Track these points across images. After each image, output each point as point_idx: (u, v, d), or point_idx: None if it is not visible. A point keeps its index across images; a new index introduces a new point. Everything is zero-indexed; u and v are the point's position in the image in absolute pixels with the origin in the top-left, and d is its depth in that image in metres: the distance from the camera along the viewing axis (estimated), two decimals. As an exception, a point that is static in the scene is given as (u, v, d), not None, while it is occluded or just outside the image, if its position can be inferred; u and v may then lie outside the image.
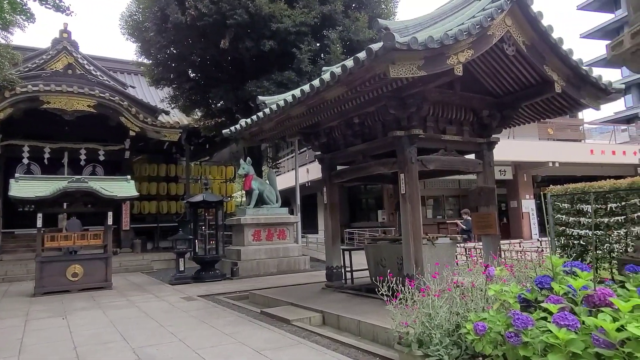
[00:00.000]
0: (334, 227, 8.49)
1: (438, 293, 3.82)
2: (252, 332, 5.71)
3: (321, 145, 8.50)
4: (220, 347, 5.02)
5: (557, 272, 3.82)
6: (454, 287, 3.89)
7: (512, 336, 3.02)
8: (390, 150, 6.87)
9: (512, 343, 3.00)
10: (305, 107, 6.80)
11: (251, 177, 13.14)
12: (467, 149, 7.45)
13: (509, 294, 3.21)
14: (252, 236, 12.69)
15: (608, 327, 2.53)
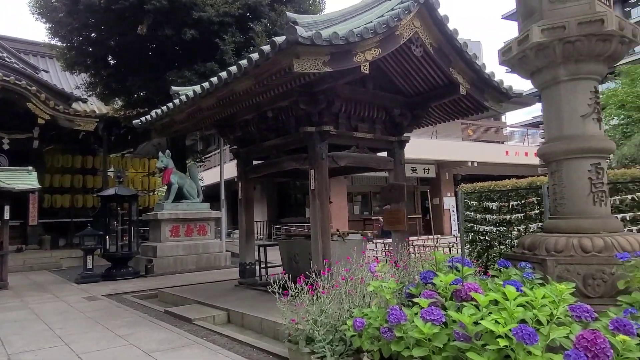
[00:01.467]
0: (249, 222, 8.33)
1: (324, 290, 3.81)
2: (148, 333, 5.43)
3: (236, 139, 8.30)
4: (108, 351, 4.71)
5: (441, 267, 3.95)
6: (342, 283, 3.89)
7: (386, 331, 3.05)
8: (302, 145, 6.83)
9: (386, 338, 3.04)
10: (215, 99, 6.58)
11: (170, 170, 12.62)
12: (379, 146, 7.59)
13: (386, 290, 3.25)
14: (169, 232, 12.21)
15: (465, 320, 2.60)
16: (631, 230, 7.07)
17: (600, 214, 4.37)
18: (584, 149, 4.39)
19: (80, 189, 18.46)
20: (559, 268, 4.11)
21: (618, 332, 2.66)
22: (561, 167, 4.54)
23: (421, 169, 20.94)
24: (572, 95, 4.49)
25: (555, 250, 4.21)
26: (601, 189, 4.40)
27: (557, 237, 4.30)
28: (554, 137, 4.64)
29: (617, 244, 4.01)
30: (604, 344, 2.45)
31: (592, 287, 3.96)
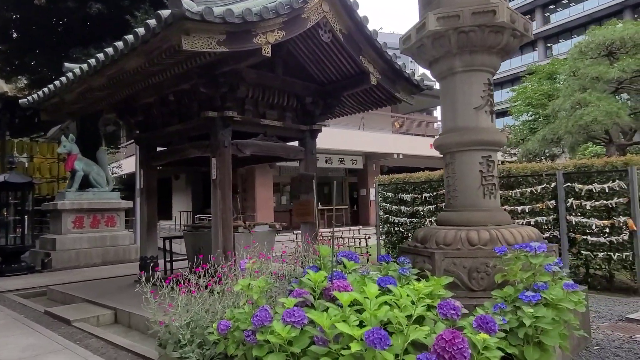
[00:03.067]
0: (150, 213, 7.76)
1: (195, 289, 3.48)
2: (16, 338, 4.82)
3: (138, 124, 7.68)
4: (-46, 361, 4.09)
5: (326, 262, 3.74)
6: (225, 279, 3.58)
7: (250, 335, 2.78)
8: (205, 132, 6.39)
9: (250, 342, 2.77)
10: (106, 79, 5.97)
11: (75, 156, 11.62)
12: (290, 135, 7.31)
13: (255, 289, 2.98)
14: (72, 223, 11.25)
15: (322, 322, 2.39)
16: (529, 223, 7.35)
17: (490, 207, 4.37)
18: (476, 141, 4.36)
19: (-24, 176, 16.66)
20: (446, 261, 4.05)
21: (481, 330, 2.57)
22: (454, 159, 4.50)
23: (349, 160, 21.03)
24: (466, 86, 4.45)
25: (444, 243, 4.15)
26: (491, 182, 4.40)
27: (446, 230, 4.25)
28: (449, 128, 4.59)
29: (502, 237, 4.01)
30: (462, 344, 2.32)
31: (477, 280, 3.94)
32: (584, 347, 4.19)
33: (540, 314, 2.75)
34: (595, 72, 11.57)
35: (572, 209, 6.89)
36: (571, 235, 6.89)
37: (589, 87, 11.55)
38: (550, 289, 2.94)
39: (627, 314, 5.37)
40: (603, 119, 10.45)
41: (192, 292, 3.45)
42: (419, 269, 4.23)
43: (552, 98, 12.80)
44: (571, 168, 7.04)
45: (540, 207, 7.20)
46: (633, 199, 6.31)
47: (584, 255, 6.79)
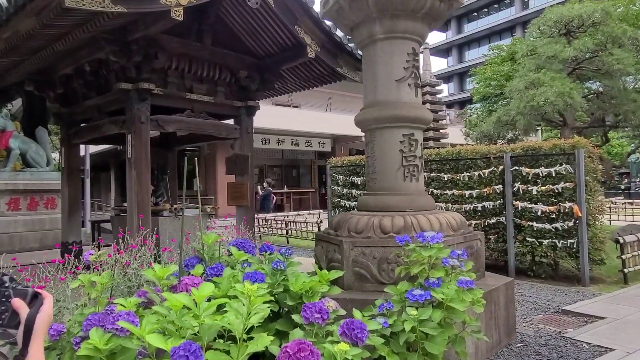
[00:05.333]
0: (72, 195, 7.17)
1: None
2: None
3: (57, 98, 7.01)
4: None
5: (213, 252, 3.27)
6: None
7: (78, 342, 2.30)
8: (121, 106, 5.80)
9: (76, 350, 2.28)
10: (4, 43, 5.29)
11: (9, 133, 10.81)
12: (223, 112, 6.76)
13: (96, 287, 2.49)
14: (6, 205, 10.50)
15: (138, 332, 1.91)
16: (476, 208, 7.01)
17: (410, 191, 3.94)
18: (396, 117, 3.91)
19: None
20: (355, 251, 3.62)
21: (345, 338, 2.13)
22: (374, 137, 4.04)
23: (317, 143, 20.52)
24: (388, 56, 3.97)
25: (355, 230, 3.71)
26: (413, 162, 3.96)
27: (359, 217, 3.81)
28: (369, 102, 4.12)
29: (417, 224, 3.60)
30: (310, 357, 1.88)
31: (387, 272, 3.52)
32: (506, 344, 3.84)
33: (424, 317, 2.34)
34: (551, 50, 11.13)
35: (519, 193, 6.55)
36: (517, 221, 6.57)
37: (544, 67, 11.18)
38: (444, 286, 2.52)
39: (564, 306, 5.07)
40: (555, 99, 10.07)
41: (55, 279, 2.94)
42: (329, 260, 3.81)
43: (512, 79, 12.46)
44: (519, 150, 6.69)
45: (488, 191, 6.85)
46: (579, 183, 5.98)
47: (529, 242, 6.48)
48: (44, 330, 0.90)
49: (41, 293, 0.93)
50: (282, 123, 17.79)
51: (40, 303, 0.90)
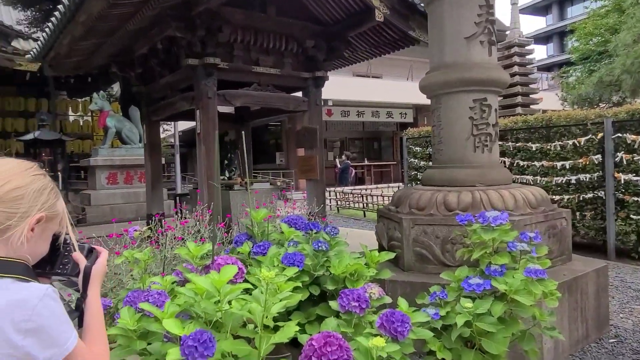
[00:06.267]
0: (155, 169, 7.55)
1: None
2: None
3: (137, 77, 7.33)
4: None
5: (260, 229, 3.16)
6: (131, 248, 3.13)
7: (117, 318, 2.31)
8: (191, 83, 5.89)
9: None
10: (82, 26, 5.56)
11: (106, 113, 11.72)
12: (290, 84, 6.61)
13: (139, 264, 2.47)
14: (106, 179, 11.48)
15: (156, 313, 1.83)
16: (569, 181, 6.25)
17: (481, 162, 3.52)
18: (465, 80, 3.47)
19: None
20: (415, 229, 3.32)
21: (384, 332, 1.89)
22: (440, 104, 3.64)
23: (398, 114, 19.84)
24: (455, 9, 3.51)
25: (417, 207, 3.40)
26: (485, 131, 3.52)
27: (422, 192, 3.48)
28: (435, 65, 3.71)
29: (488, 200, 3.19)
30: (338, 352, 1.68)
31: (451, 253, 3.18)
32: (595, 339, 3.34)
33: (481, 310, 2.01)
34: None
35: (622, 164, 5.68)
36: (619, 196, 5.73)
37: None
38: (509, 274, 2.16)
39: (676, 295, 4.33)
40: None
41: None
42: (390, 238, 3.55)
43: (617, 32, 10.70)
44: (623, 115, 5.76)
45: (584, 162, 6.04)
46: (702, 152, 5.02)
47: (634, 220, 5.63)
48: (99, 278, 1.10)
49: (96, 248, 1.14)
50: (361, 94, 17.39)
51: (96, 256, 1.11)
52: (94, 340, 0.98)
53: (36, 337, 0.81)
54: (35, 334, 0.81)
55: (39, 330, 0.81)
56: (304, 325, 2.34)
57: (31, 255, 0.95)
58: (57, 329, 0.84)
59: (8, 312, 0.79)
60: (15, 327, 0.79)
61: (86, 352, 0.92)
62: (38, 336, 0.81)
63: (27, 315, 0.80)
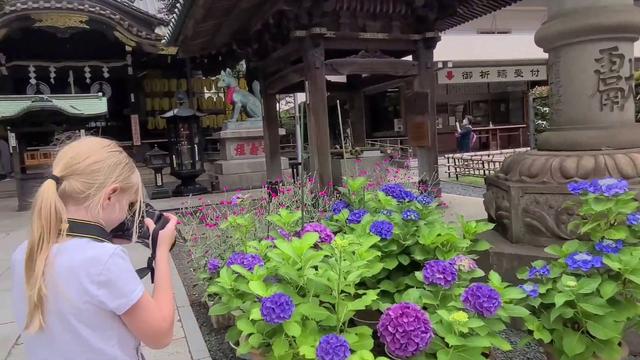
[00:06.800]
0: (273, 140, 7.99)
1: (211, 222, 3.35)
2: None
3: (254, 53, 7.71)
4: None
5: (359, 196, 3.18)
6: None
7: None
8: (300, 55, 6.03)
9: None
10: (203, 9, 6.01)
11: (233, 89, 12.61)
12: (399, 48, 6.38)
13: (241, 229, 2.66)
14: (234, 150, 12.47)
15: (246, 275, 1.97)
16: None
17: (609, 122, 3.07)
18: (590, 27, 3.01)
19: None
20: (526, 198, 3.05)
21: (468, 306, 1.80)
22: (559, 58, 3.23)
23: (528, 71, 18.00)
24: (580, -55, 3.03)
25: (528, 174, 3.11)
26: (615, 85, 3.04)
27: (535, 157, 3.16)
28: (554, 13, 3.27)
29: (614, 166, 2.79)
30: (413, 324, 1.65)
31: (567, 225, 2.86)
32: None
33: (587, 290, 1.79)
34: None
35: None
36: None
37: None
38: (626, 252, 1.88)
39: None
40: None
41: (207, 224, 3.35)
42: (497, 207, 3.33)
43: None
44: None
45: None
46: None
47: None
48: (166, 241, 1.21)
49: (163, 214, 1.25)
50: (486, 53, 16.11)
51: (164, 221, 1.23)
52: (159, 296, 1.10)
53: (107, 288, 0.95)
54: (106, 285, 0.95)
55: (108, 282, 0.95)
56: (394, 294, 2.33)
57: (110, 220, 1.10)
58: (123, 283, 0.97)
59: (84, 266, 0.94)
60: (90, 279, 0.94)
61: (153, 305, 1.04)
62: (108, 288, 0.95)
63: (99, 270, 0.94)
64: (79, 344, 0.95)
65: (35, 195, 1.00)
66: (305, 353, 1.63)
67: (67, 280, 0.93)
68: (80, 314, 0.95)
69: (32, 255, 0.94)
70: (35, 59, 16.32)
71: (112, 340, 0.99)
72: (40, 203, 0.98)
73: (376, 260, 2.12)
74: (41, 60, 16.41)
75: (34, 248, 0.94)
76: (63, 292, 0.93)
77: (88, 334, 0.96)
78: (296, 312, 1.75)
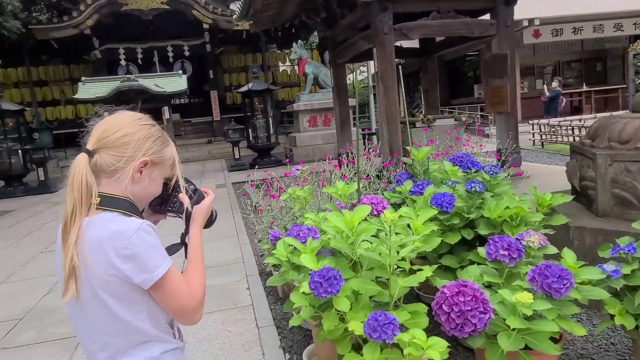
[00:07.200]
0: (343, 110, 7.88)
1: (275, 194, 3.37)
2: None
3: (322, 22, 7.57)
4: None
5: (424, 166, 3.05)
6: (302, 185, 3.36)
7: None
8: (368, 21, 5.82)
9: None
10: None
11: (305, 60, 12.58)
12: (474, 7, 5.93)
13: (299, 200, 2.65)
14: (307, 122, 12.54)
15: (298, 247, 1.95)
16: None
17: None
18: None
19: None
20: (614, 167, 2.72)
21: (535, 286, 1.64)
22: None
23: (630, 24, 15.98)
24: None
25: (618, 140, 2.76)
26: None
27: (628, 120, 2.80)
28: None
29: None
30: (471, 304, 1.54)
31: (665, 198, 2.52)
32: None
33: (679, 273, 1.55)
34: None
35: None
36: None
37: None
38: None
39: None
40: None
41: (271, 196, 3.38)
42: (582, 177, 3.04)
43: None
44: None
45: None
46: None
47: None
48: (200, 216, 1.17)
49: (202, 190, 1.22)
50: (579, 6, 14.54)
51: (199, 196, 1.19)
52: (190, 272, 1.08)
53: (132, 262, 0.95)
54: (131, 260, 0.95)
55: (133, 257, 0.95)
56: (456, 270, 2.21)
57: (143, 195, 1.09)
58: (148, 258, 0.96)
59: (111, 240, 0.95)
60: (116, 252, 0.95)
61: (180, 282, 1.02)
62: (133, 262, 0.95)
63: (125, 244, 0.94)
64: (108, 315, 0.98)
65: (69, 168, 1.00)
66: (354, 329, 1.59)
67: (95, 253, 0.95)
68: (108, 286, 0.96)
69: (67, 227, 0.97)
70: (124, 42, 17.44)
71: (141, 314, 1.00)
72: (73, 176, 0.98)
73: (434, 234, 2.00)
74: (129, 42, 17.50)
75: (68, 220, 0.97)
76: (92, 265, 0.94)
77: (116, 307, 0.97)
78: (346, 287, 1.71)
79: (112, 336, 1.00)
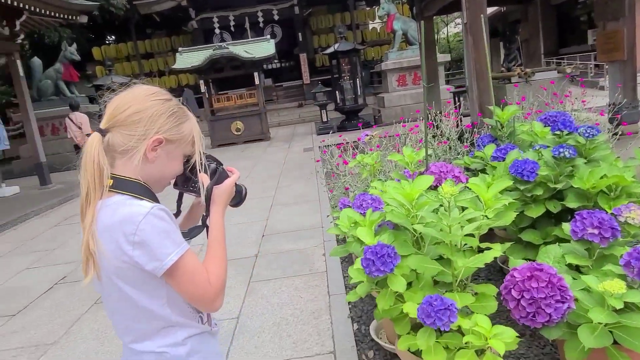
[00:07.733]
0: (430, 67, 7.38)
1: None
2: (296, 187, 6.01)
3: (408, -29, 7.06)
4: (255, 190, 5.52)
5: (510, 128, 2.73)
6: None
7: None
8: (457, -35, 5.29)
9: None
10: None
11: (393, 16, 11.99)
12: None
13: (366, 168, 2.49)
14: (396, 81, 12.08)
15: (358, 220, 1.83)
16: None
17: None
18: None
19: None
20: None
21: (630, 273, 1.38)
22: None
23: None
24: None
25: None
26: None
27: None
28: None
29: None
30: (550, 291, 1.34)
31: None
32: None
33: None
34: None
35: None
36: None
37: None
38: None
39: None
40: None
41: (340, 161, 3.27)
42: None
43: None
44: None
45: None
46: None
47: None
48: (222, 197, 1.09)
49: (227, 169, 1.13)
50: None
51: (221, 176, 1.10)
52: (209, 258, 1.02)
53: (141, 249, 0.90)
54: (140, 246, 0.90)
55: (143, 244, 0.90)
56: (539, 246, 1.95)
57: (160, 175, 1.02)
58: (158, 245, 0.91)
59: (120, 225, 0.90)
60: (126, 238, 0.90)
61: (195, 269, 0.96)
62: (143, 249, 0.90)
63: (133, 230, 0.89)
64: (126, 301, 0.95)
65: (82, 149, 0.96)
66: (409, 311, 1.47)
67: (106, 238, 0.92)
68: (121, 272, 0.93)
69: (83, 211, 0.95)
70: (217, 10, 18.00)
71: (160, 300, 0.96)
72: (85, 158, 0.95)
73: (513, 206, 1.77)
74: (222, 10, 18.02)
75: (83, 204, 0.94)
76: (104, 251, 0.92)
77: (132, 292, 0.94)
78: (404, 265, 1.58)
79: (133, 321, 0.98)
